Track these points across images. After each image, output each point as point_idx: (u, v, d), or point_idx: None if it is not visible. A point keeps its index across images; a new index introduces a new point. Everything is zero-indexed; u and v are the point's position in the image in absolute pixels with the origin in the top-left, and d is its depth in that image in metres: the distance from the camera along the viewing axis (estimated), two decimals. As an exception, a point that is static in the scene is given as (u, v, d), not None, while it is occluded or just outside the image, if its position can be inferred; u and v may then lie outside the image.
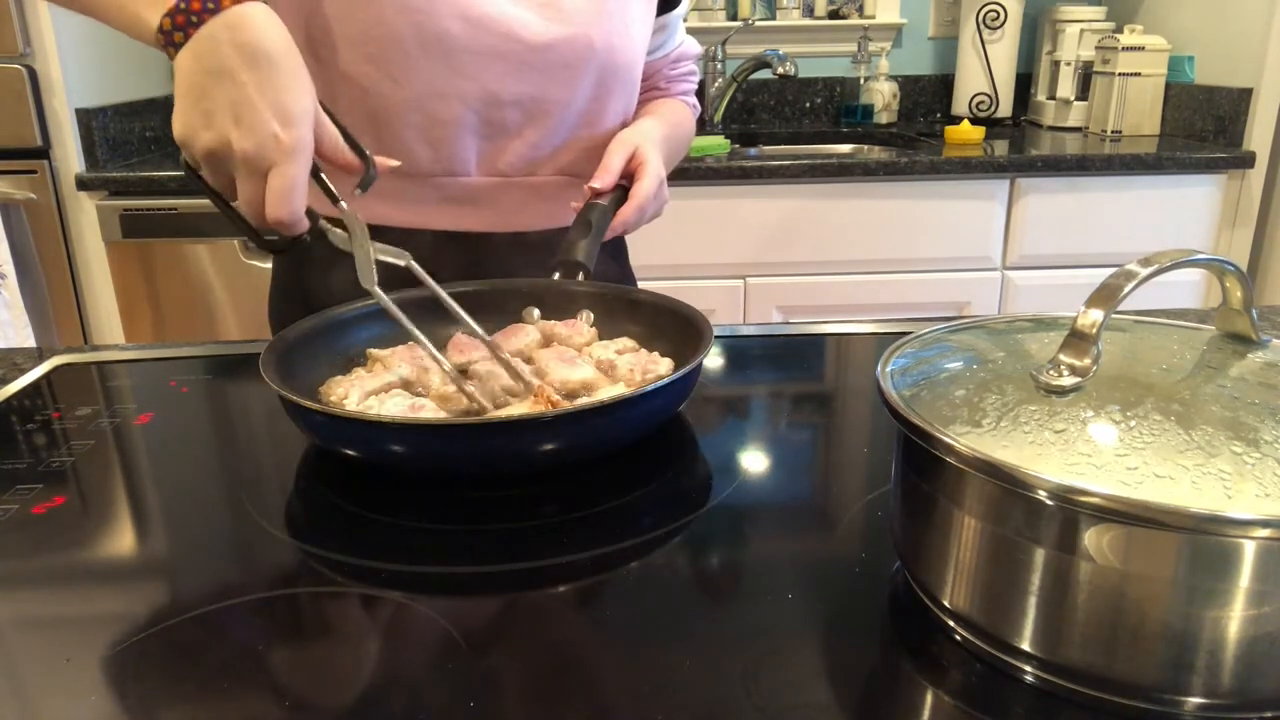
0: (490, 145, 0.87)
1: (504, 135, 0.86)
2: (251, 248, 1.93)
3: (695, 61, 1.07)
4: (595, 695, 0.42)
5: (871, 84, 2.46)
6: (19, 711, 0.42)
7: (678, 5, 0.99)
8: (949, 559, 0.44)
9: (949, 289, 2.04)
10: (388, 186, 0.86)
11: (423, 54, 0.80)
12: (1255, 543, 0.35)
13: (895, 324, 0.94)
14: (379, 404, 0.63)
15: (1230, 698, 0.38)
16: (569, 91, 0.86)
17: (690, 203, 1.92)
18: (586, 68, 0.86)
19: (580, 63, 0.85)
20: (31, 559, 0.54)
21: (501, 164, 0.88)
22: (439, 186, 0.87)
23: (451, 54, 0.80)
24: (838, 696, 0.42)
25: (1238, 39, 2.06)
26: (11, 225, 1.92)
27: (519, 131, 0.87)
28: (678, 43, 1.03)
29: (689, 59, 1.06)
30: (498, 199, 0.89)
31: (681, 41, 1.04)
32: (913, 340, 0.52)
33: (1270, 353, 0.47)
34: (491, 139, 0.86)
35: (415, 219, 0.88)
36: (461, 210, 0.89)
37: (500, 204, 0.90)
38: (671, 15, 0.98)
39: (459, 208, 0.89)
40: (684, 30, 1.04)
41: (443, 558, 0.54)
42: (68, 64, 1.91)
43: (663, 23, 0.97)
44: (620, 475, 0.63)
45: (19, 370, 0.84)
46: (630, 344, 0.74)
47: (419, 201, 0.88)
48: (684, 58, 1.05)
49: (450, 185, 0.87)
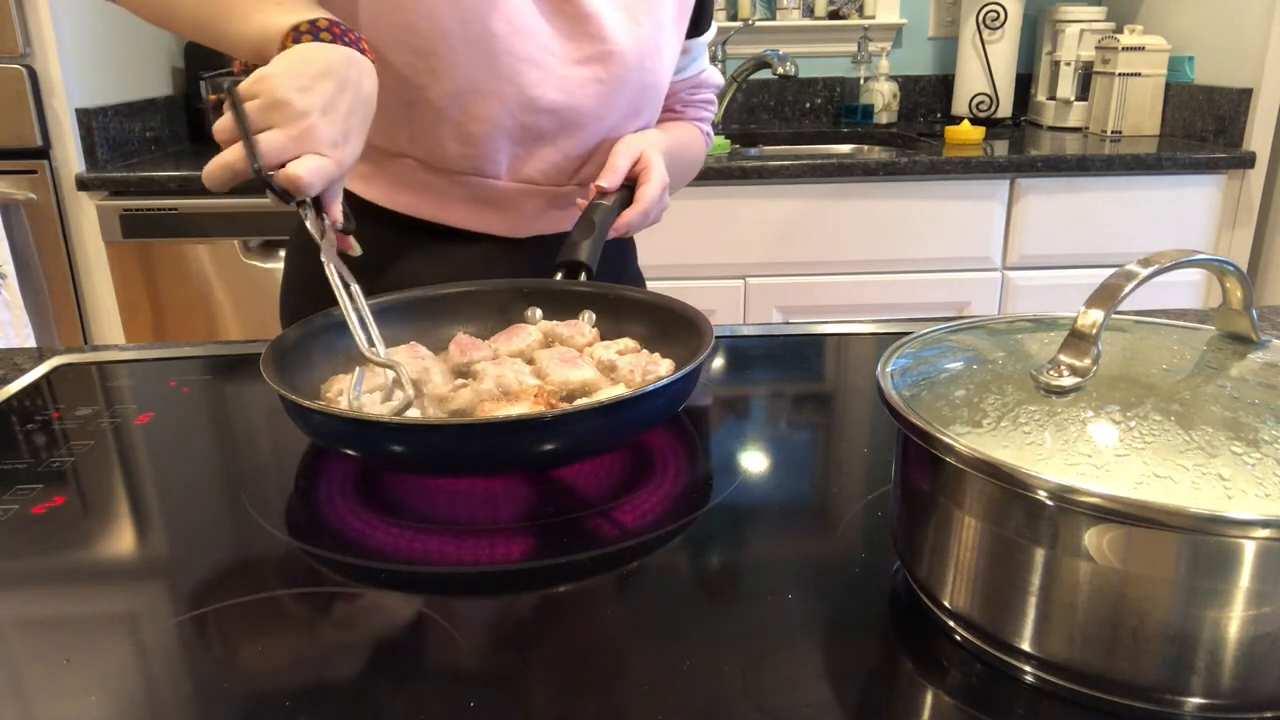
0: (522, 150, 0.87)
1: (537, 142, 0.87)
2: (252, 247, 1.93)
3: (714, 92, 1.07)
4: (596, 695, 0.42)
5: (871, 84, 2.46)
6: (19, 711, 0.42)
7: (705, 31, 0.99)
8: (949, 559, 0.44)
9: (949, 289, 2.04)
10: (417, 179, 0.87)
11: (466, 51, 0.80)
12: (1255, 543, 0.35)
13: (895, 324, 0.94)
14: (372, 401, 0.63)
15: (1230, 698, 0.38)
16: (603, 106, 0.87)
17: (690, 203, 1.92)
18: (621, 85, 0.87)
19: (615, 80, 0.87)
20: (31, 559, 0.54)
21: (530, 170, 0.88)
22: (466, 185, 0.88)
23: (493, 55, 0.81)
24: (838, 696, 0.42)
25: (1238, 39, 2.06)
26: (11, 225, 1.92)
27: (552, 140, 0.87)
28: (700, 68, 1.03)
29: (709, 88, 1.06)
30: (520, 204, 0.90)
31: (704, 69, 1.04)
32: (913, 340, 0.52)
33: (1270, 353, 0.47)
34: (524, 144, 0.87)
35: (439, 214, 0.89)
36: (486, 211, 0.89)
37: (522, 209, 0.90)
38: (697, 40, 0.99)
39: (483, 209, 0.89)
40: (707, 59, 1.05)
41: (443, 558, 0.54)
42: (68, 64, 1.91)
43: (688, 46, 0.98)
44: (620, 475, 0.63)
45: (19, 370, 0.84)
46: (632, 345, 0.74)
47: (445, 197, 0.88)
48: (704, 85, 1.05)
49: (478, 185, 0.88)
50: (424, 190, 0.88)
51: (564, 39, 0.85)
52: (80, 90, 1.95)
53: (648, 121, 0.94)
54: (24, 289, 1.93)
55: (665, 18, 0.90)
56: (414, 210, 0.89)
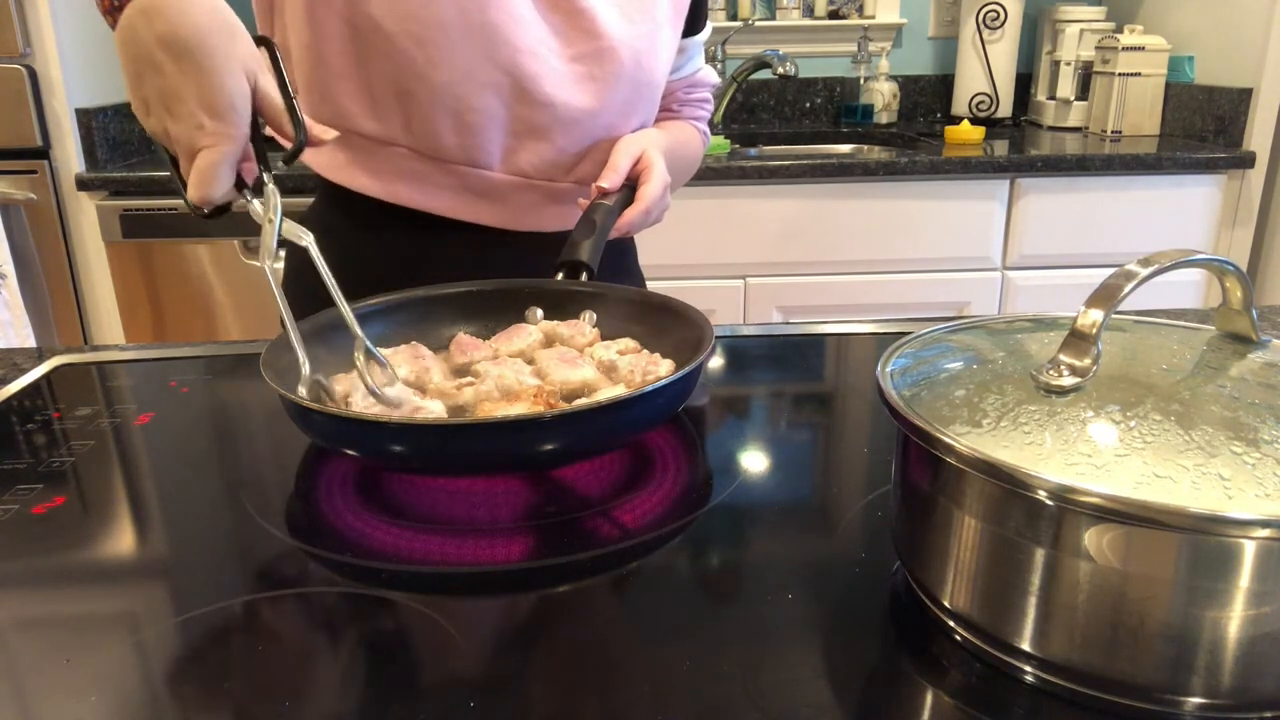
0: (516, 142, 0.87)
1: (532, 135, 0.87)
2: (252, 247, 1.93)
3: (710, 91, 1.07)
4: (596, 695, 0.42)
5: (871, 84, 2.46)
6: (19, 711, 0.42)
7: (701, 30, 1.00)
8: (949, 559, 0.44)
9: (949, 289, 2.04)
10: (409, 167, 0.87)
11: (465, 40, 0.80)
12: (1255, 543, 0.35)
13: (895, 324, 0.94)
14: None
15: (1230, 698, 0.38)
16: (598, 102, 0.87)
17: (690, 203, 1.92)
18: (617, 82, 0.87)
19: (610, 77, 0.87)
20: (31, 559, 0.54)
21: (524, 163, 0.88)
22: (460, 175, 0.88)
23: (492, 45, 0.81)
24: (838, 696, 0.42)
25: (1238, 39, 2.06)
26: (11, 225, 1.92)
27: (546, 133, 0.87)
28: (695, 68, 1.04)
29: (704, 87, 1.06)
30: (514, 198, 0.90)
31: (699, 68, 1.05)
32: (913, 340, 0.52)
33: (1270, 353, 0.47)
34: (518, 136, 0.87)
35: (431, 203, 0.89)
36: (478, 203, 0.89)
37: (516, 203, 0.90)
38: (693, 39, 1.00)
39: (476, 200, 0.89)
40: (703, 58, 1.05)
41: (443, 558, 0.54)
42: (68, 64, 1.91)
43: (684, 45, 0.98)
44: (620, 475, 0.63)
45: (19, 370, 0.84)
46: (632, 345, 0.74)
47: (438, 187, 0.88)
48: (699, 84, 1.06)
49: (471, 176, 0.88)
50: (416, 179, 0.88)
51: (560, 34, 0.85)
52: (80, 90, 1.95)
53: (644, 120, 0.94)
54: (24, 289, 1.93)
55: (661, 16, 0.90)
56: (406, 200, 0.89)
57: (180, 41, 0.58)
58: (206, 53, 0.58)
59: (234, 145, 0.59)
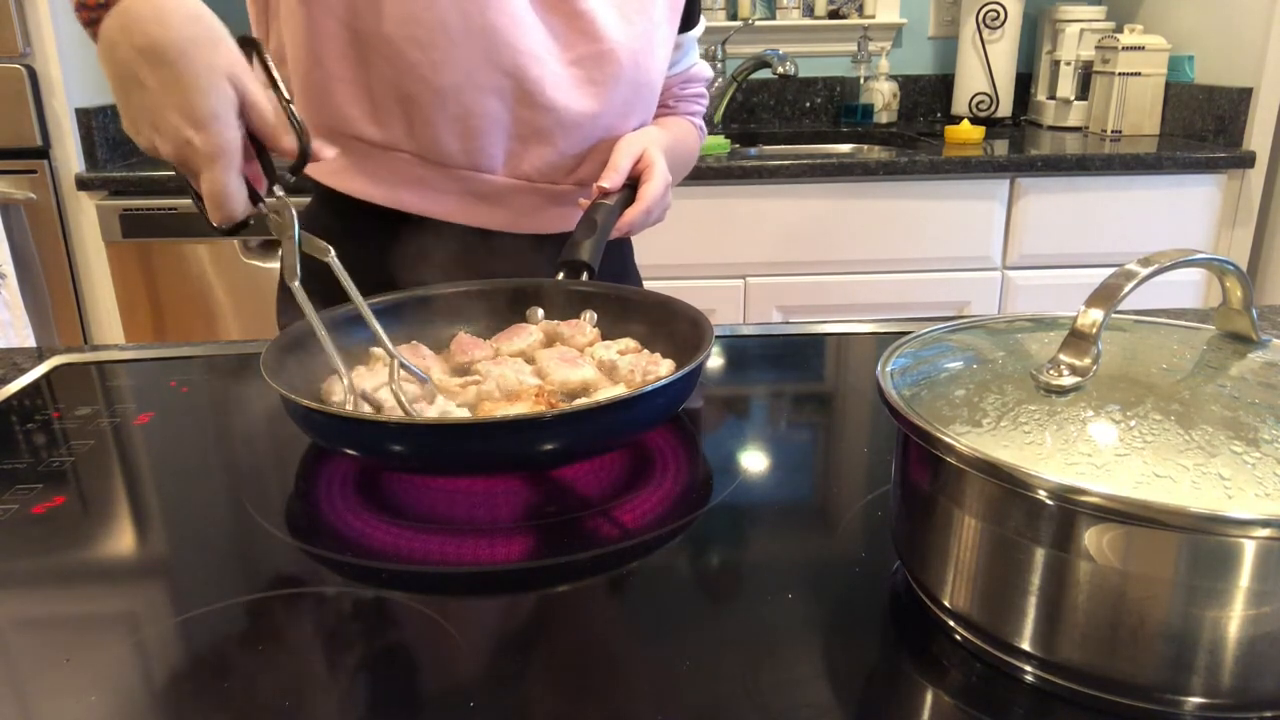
0: (519, 146, 0.87)
1: (534, 139, 0.87)
2: (252, 247, 1.94)
3: (705, 86, 1.08)
4: (596, 695, 0.42)
5: (871, 84, 2.46)
6: (19, 711, 0.42)
7: (695, 26, 1.00)
8: (949, 559, 0.44)
9: (949, 289, 2.04)
10: (412, 173, 0.87)
11: (467, 43, 0.80)
12: (1255, 543, 0.35)
13: (895, 324, 0.94)
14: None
15: (1230, 698, 0.38)
16: (598, 105, 0.87)
17: (690, 203, 1.92)
18: (616, 84, 0.88)
19: (610, 79, 0.87)
20: (31, 559, 0.54)
21: (526, 166, 0.89)
22: (463, 180, 0.88)
23: (494, 48, 0.81)
24: (838, 696, 0.42)
25: (1238, 39, 2.06)
26: (11, 225, 1.92)
27: (549, 137, 0.87)
28: (690, 63, 1.04)
29: (699, 81, 1.07)
30: (516, 200, 0.90)
31: (694, 63, 1.05)
32: (913, 340, 0.52)
33: (1270, 353, 0.47)
34: (522, 140, 0.87)
35: (434, 208, 0.89)
36: (480, 206, 0.89)
37: (517, 205, 0.90)
38: (688, 35, 1.00)
39: (479, 204, 0.89)
40: (697, 53, 1.05)
41: (443, 558, 0.54)
42: (68, 64, 1.91)
43: (679, 41, 0.98)
44: (620, 475, 0.63)
45: (19, 370, 0.84)
46: (633, 344, 0.74)
47: (441, 192, 0.88)
48: (694, 79, 1.06)
49: (474, 180, 0.88)
50: (419, 185, 0.88)
51: (559, 37, 0.85)
52: (80, 90, 1.95)
53: (643, 119, 0.94)
54: (24, 289, 1.93)
55: (659, 16, 0.90)
56: (409, 205, 0.89)
57: (159, 53, 0.57)
58: (187, 63, 0.57)
59: (227, 156, 0.58)
